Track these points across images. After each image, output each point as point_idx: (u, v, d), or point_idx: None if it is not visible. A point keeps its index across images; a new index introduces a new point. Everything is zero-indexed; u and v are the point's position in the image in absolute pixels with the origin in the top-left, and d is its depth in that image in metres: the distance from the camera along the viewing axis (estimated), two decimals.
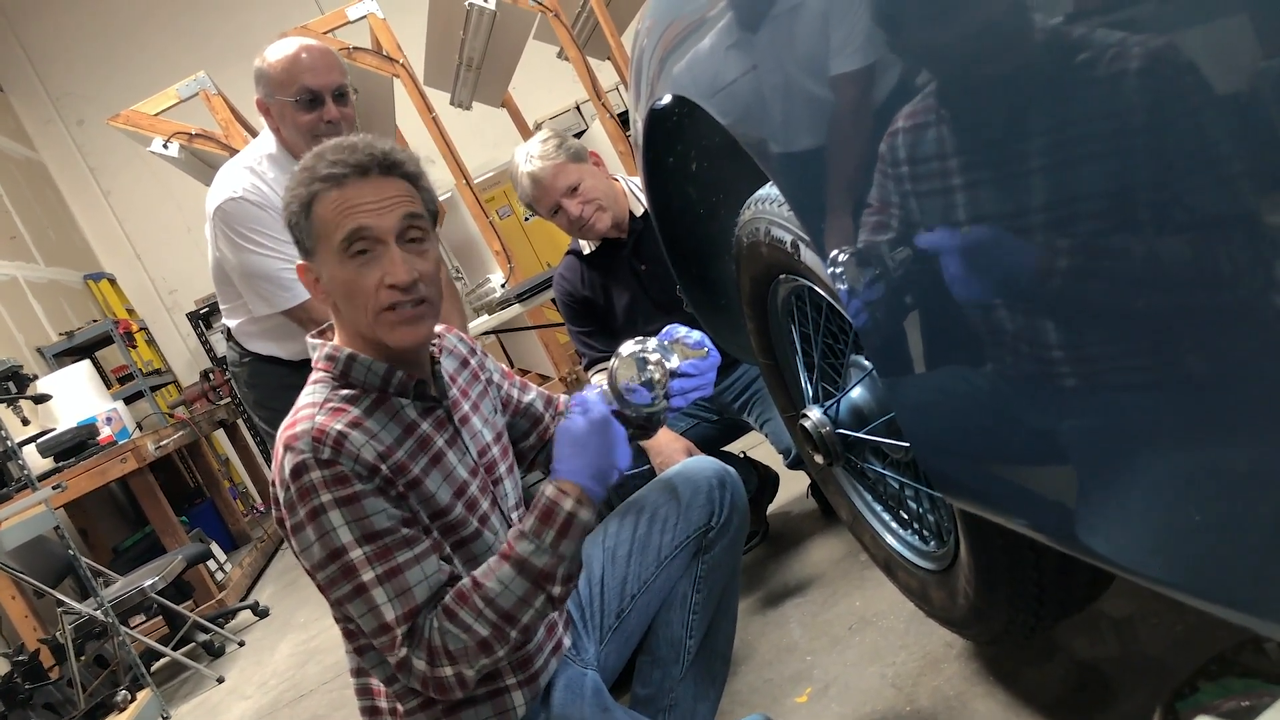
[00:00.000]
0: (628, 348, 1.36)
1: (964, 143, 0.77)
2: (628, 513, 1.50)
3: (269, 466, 5.05)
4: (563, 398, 1.59)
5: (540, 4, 3.88)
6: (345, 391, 1.26)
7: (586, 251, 2.30)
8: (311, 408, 1.23)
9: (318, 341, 1.31)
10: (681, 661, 1.49)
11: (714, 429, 2.34)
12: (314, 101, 1.98)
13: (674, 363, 1.37)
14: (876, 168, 0.89)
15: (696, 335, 1.41)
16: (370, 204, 1.20)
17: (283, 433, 1.21)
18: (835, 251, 1.06)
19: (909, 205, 0.86)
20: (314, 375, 1.30)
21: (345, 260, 1.21)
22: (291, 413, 1.24)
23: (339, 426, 1.19)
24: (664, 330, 1.42)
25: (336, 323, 1.30)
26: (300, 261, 1.29)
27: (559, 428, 1.28)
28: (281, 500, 1.20)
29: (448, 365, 1.39)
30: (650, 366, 1.34)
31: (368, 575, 1.16)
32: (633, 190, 2.29)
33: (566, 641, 1.39)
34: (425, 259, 1.23)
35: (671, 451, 2.06)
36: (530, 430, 1.54)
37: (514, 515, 1.39)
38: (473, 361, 1.46)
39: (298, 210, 1.23)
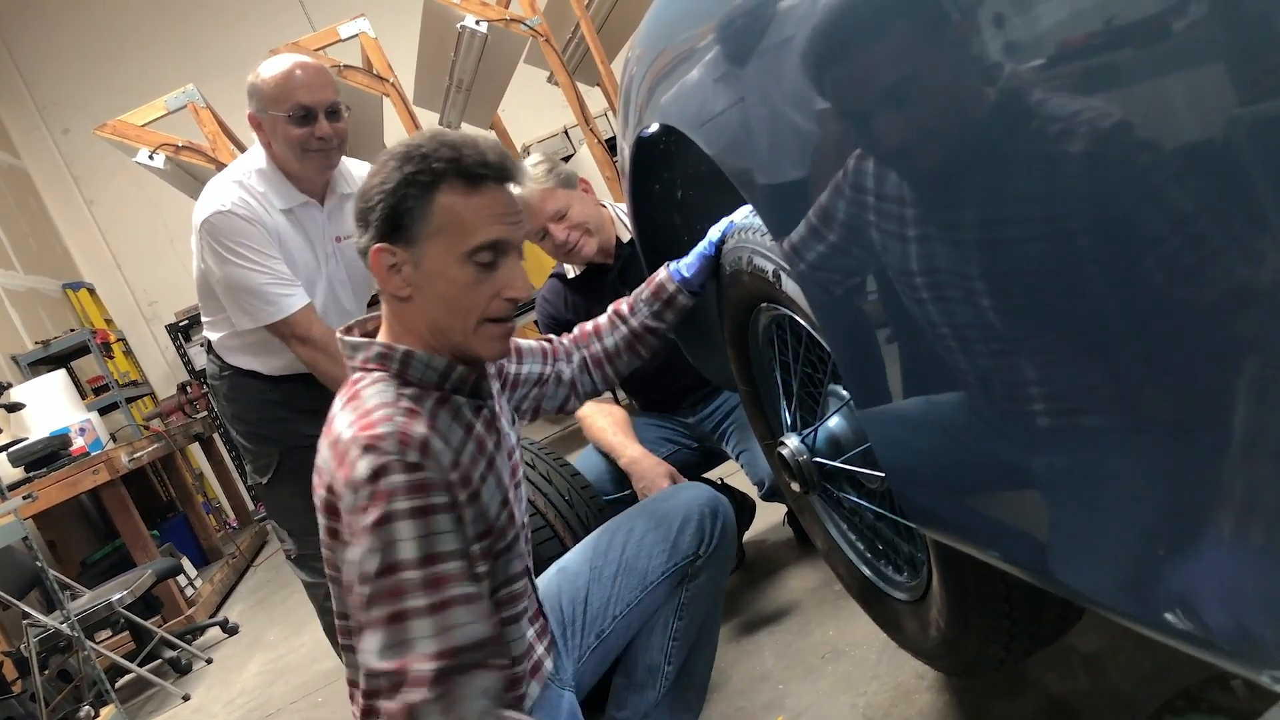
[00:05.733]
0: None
1: (944, 179, 0.79)
2: (618, 531, 1.50)
3: (244, 481, 4.96)
4: (559, 339, 1.60)
5: (531, 29, 3.92)
6: (410, 390, 1.19)
7: (571, 275, 2.31)
8: (388, 408, 1.14)
9: (361, 340, 1.22)
10: (659, 688, 1.49)
11: (693, 455, 2.35)
12: (307, 117, 1.99)
13: None
14: (857, 202, 0.91)
15: None
16: (510, 215, 1.18)
17: (359, 433, 1.11)
18: (815, 282, 1.07)
19: (888, 239, 0.88)
20: (369, 376, 1.20)
21: (465, 264, 1.17)
22: (357, 413, 1.14)
23: (421, 430, 1.12)
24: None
25: (397, 317, 1.22)
26: (379, 244, 1.18)
27: None
28: (346, 503, 1.10)
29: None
30: None
31: (412, 603, 1.05)
32: (620, 217, 2.31)
33: (548, 665, 1.38)
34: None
35: (655, 476, 2.07)
36: (533, 388, 1.52)
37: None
38: None
39: (414, 191, 1.15)
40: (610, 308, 1.62)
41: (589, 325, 1.61)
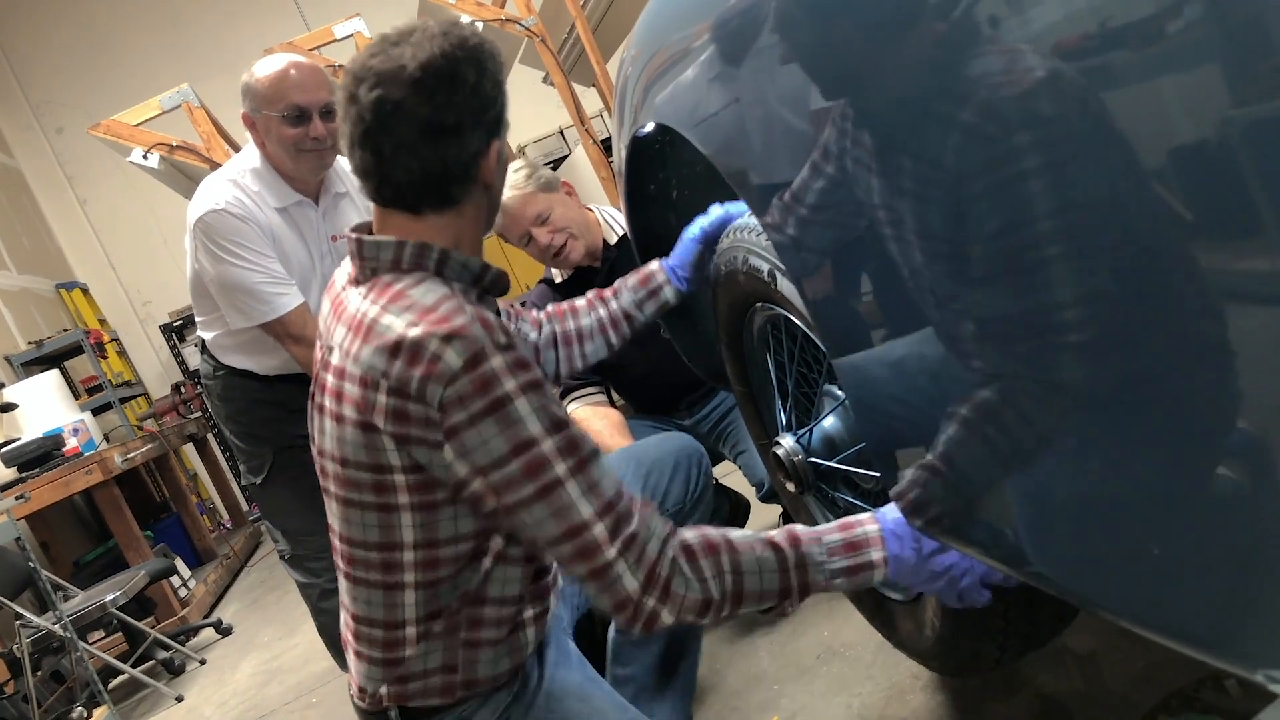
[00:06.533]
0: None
1: (939, 177, 0.79)
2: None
3: (238, 481, 4.94)
4: (535, 311, 1.59)
5: (527, 29, 3.91)
6: (456, 285, 1.14)
7: (558, 280, 2.31)
8: (452, 300, 1.08)
9: (387, 239, 1.14)
10: (660, 637, 1.51)
11: None
12: (301, 118, 1.99)
13: None
14: (853, 201, 0.91)
15: None
16: None
17: (432, 328, 1.05)
18: (811, 281, 1.07)
19: (884, 238, 0.88)
20: (408, 276, 1.13)
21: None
22: (416, 310, 1.07)
23: (493, 315, 1.09)
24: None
25: (438, 222, 1.16)
26: (496, 140, 1.16)
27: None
28: (435, 398, 1.03)
29: None
30: None
31: (560, 469, 1.04)
32: (607, 219, 2.30)
33: (554, 603, 1.32)
34: None
35: None
36: None
37: None
38: None
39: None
40: (591, 292, 1.61)
41: (566, 304, 1.59)
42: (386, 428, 1.07)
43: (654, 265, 1.58)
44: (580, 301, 1.60)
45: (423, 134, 1.09)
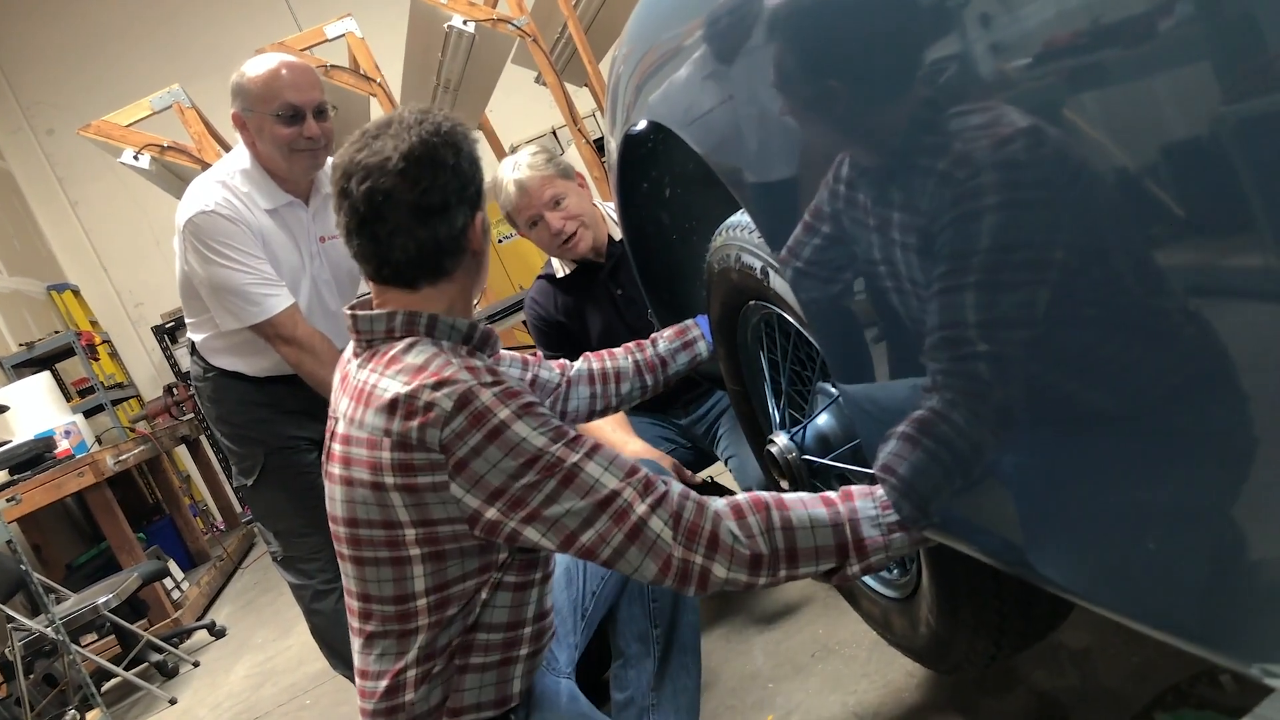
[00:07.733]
0: None
1: (932, 175, 0.79)
2: None
3: (230, 483, 4.91)
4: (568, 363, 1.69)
5: (519, 29, 3.90)
6: (445, 344, 1.21)
7: (560, 275, 2.30)
8: (440, 356, 1.16)
9: (379, 312, 1.22)
10: (653, 655, 1.51)
11: (688, 454, 2.34)
12: (295, 117, 1.98)
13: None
14: (846, 198, 0.91)
15: None
16: None
17: (423, 381, 1.12)
18: (804, 278, 1.07)
19: (877, 236, 0.88)
20: (400, 342, 1.20)
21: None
22: (408, 371, 1.14)
23: (479, 363, 1.16)
24: None
25: (428, 293, 1.23)
26: (480, 213, 1.26)
27: None
28: (435, 441, 1.10)
29: None
30: None
31: (575, 457, 1.10)
32: (611, 215, 2.29)
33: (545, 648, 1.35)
34: None
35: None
36: (547, 396, 1.65)
37: None
38: None
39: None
40: (629, 343, 1.73)
41: (604, 351, 1.72)
42: (395, 482, 1.12)
43: (689, 321, 1.71)
44: (618, 349, 1.71)
45: (413, 216, 1.17)
